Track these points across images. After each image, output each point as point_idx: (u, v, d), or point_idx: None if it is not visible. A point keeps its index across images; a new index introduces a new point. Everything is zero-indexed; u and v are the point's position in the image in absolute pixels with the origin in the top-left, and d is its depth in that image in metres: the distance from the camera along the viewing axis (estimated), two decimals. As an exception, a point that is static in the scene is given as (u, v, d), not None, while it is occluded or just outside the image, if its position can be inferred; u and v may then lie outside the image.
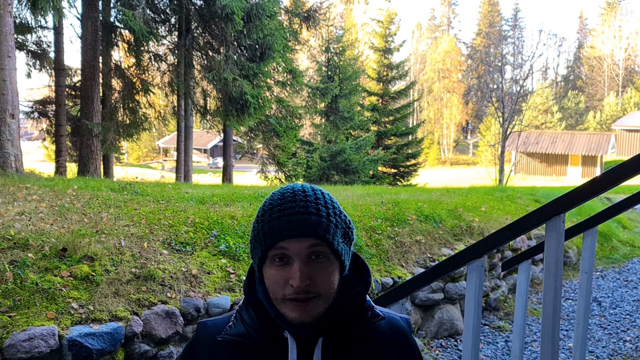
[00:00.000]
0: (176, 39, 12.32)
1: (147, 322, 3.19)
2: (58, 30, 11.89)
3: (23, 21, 10.98)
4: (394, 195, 7.72)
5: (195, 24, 12.15)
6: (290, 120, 14.94)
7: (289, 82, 14.65)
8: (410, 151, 22.91)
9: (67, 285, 3.15)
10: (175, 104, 12.91)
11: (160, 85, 12.89)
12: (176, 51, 12.04)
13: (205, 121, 14.02)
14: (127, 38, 11.81)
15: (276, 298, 1.01)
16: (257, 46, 11.61)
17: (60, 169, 11.02)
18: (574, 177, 31.95)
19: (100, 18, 10.84)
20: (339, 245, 1.02)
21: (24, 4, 9.08)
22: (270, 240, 0.99)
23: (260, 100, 11.64)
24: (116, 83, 12.33)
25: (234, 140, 17.07)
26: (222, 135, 15.38)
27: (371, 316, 1.08)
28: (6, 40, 7.16)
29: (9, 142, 7.22)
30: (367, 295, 1.11)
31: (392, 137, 22.93)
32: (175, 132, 14.02)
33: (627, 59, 55.34)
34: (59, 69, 11.89)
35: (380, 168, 20.95)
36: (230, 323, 1.07)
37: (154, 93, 12.92)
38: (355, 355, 1.06)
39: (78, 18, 11.30)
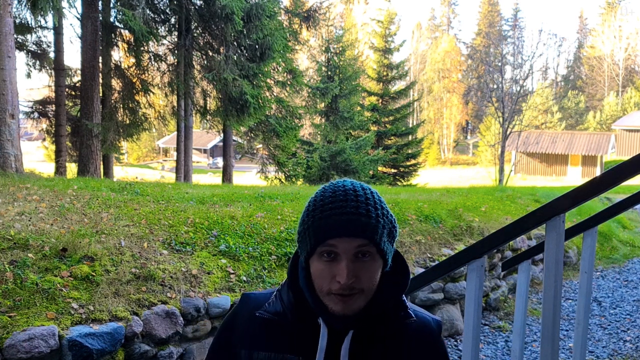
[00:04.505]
0: (176, 39, 12.32)
1: (147, 322, 3.18)
2: (58, 31, 11.89)
3: (23, 21, 10.98)
4: (394, 195, 7.72)
5: (195, 24, 12.15)
6: (290, 120, 14.94)
7: (289, 82, 14.65)
8: (410, 151, 22.92)
9: (67, 286, 3.15)
10: (175, 104, 12.91)
11: (160, 85, 12.89)
12: (176, 51, 12.04)
13: (205, 121, 14.02)
14: (127, 38, 11.82)
15: (321, 290, 1.05)
16: (257, 46, 11.61)
17: (60, 169, 11.03)
18: (574, 177, 31.95)
19: (100, 18, 10.84)
20: (385, 245, 1.05)
21: (24, 4, 9.07)
22: (322, 237, 1.02)
23: (260, 100, 11.64)
24: (116, 83, 12.33)
25: (234, 140, 17.07)
26: (222, 135, 15.38)
27: (403, 316, 1.11)
28: (6, 41, 7.16)
29: (8, 142, 7.22)
30: (404, 295, 1.15)
31: (392, 137, 22.94)
32: (175, 132, 14.03)
33: (627, 59, 55.34)
34: (59, 69, 11.90)
35: (380, 168, 20.95)
36: (270, 300, 1.13)
37: (153, 93, 12.92)
38: (382, 351, 1.10)
39: (78, 18, 11.31)
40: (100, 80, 11.18)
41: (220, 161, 33.94)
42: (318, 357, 1.06)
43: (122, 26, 11.00)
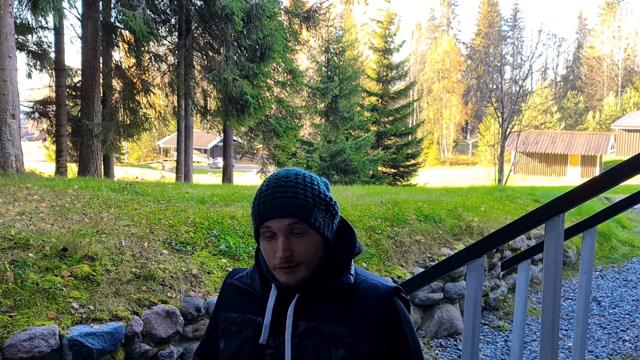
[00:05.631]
0: (176, 40, 12.32)
1: (148, 322, 3.19)
2: (58, 31, 11.89)
3: (24, 21, 10.99)
4: (394, 195, 7.73)
5: (196, 24, 12.15)
6: (290, 120, 14.94)
7: (289, 82, 14.66)
8: (409, 151, 22.92)
9: (68, 285, 3.16)
10: (176, 104, 12.91)
11: (160, 86, 12.90)
12: (176, 51, 12.05)
13: (206, 121, 14.03)
14: (128, 38, 11.82)
15: (270, 265, 1.23)
16: (257, 46, 11.61)
17: (60, 169, 11.02)
18: (574, 177, 31.95)
19: (101, 18, 10.84)
20: (317, 221, 1.19)
21: (24, 4, 9.08)
22: (259, 220, 1.21)
23: (260, 101, 11.65)
24: (116, 83, 12.34)
25: (234, 141, 17.07)
26: (222, 135, 15.38)
27: (344, 280, 1.24)
28: (7, 41, 7.16)
29: (9, 142, 7.23)
30: (355, 265, 1.29)
31: (391, 137, 22.94)
32: (176, 133, 14.03)
33: (626, 59, 55.34)
34: (60, 69, 11.89)
35: (380, 168, 20.96)
36: (244, 273, 1.36)
37: (154, 93, 12.92)
38: (325, 310, 1.22)
39: (78, 18, 11.31)
40: (101, 81, 11.18)
41: (220, 161, 33.94)
42: (267, 316, 1.23)
43: (123, 26, 10.99)
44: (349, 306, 1.22)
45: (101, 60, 11.07)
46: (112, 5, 11.59)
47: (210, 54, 12.34)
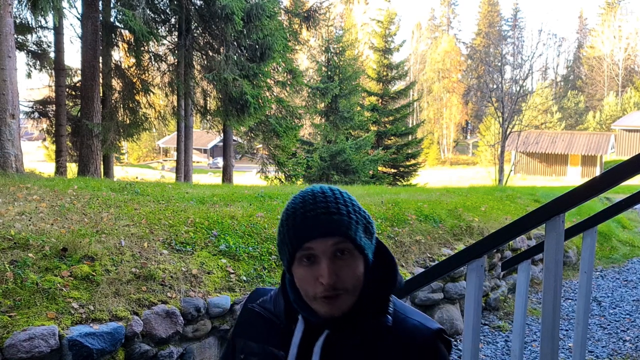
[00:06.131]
0: (176, 39, 12.32)
1: (147, 322, 3.19)
2: (58, 31, 11.89)
3: (23, 21, 10.99)
4: (394, 195, 7.72)
5: (195, 24, 12.15)
6: (290, 120, 14.94)
7: (289, 82, 14.65)
8: (410, 151, 22.92)
9: (68, 285, 3.16)
10: (176, 104, 12.91)
11: (160, 86, 12.89)
12: (176, 51, 12.04)
13: (206, 121, 14.03)
14: (127, 38, 11.82)
15: (307, 296, 1.06)
16: (257, 46, 11.61)
17: (60, 169, 11.02)
18: (574, 177, 31.95)
19: (101, 18, 10.84)
20: (362, 240, 1.05)
21: (24, 4, 9.07)
22: (297, 242, 1.04)
23: (260, 101, 11.64)
24: (116, 83, 12.34)
25: (234, 140, 17.06)
26: (222, 135, 15.38)
27: (382, 320, 1.09)
28: (6, 41, 7.16)
29: (9, 142, 7.23)
30: (392, 297, 1.13)
31: (392, 137, 22.94)
32: (175, 132, 14.03)
33: (626, 59, 55.35)
34: (59, 69, 11.89)
35: (380, 168, 20.95)
36: (267, 297, 1.21)
37: (154, 93, 12.92)
38: (357, 353, 1.07)
39: (78, 18, 11.31)
40: (101, 80, 11.18)
41: (220, 161, 33.94)
42: (291, 352, 1.10)
43: (123, 26, 10.99)
44: (385, 350, 1.07)
45: (101, 60, 11.07)
46: (111, 5, 11.59)
47: (210, 53, 12.34)
